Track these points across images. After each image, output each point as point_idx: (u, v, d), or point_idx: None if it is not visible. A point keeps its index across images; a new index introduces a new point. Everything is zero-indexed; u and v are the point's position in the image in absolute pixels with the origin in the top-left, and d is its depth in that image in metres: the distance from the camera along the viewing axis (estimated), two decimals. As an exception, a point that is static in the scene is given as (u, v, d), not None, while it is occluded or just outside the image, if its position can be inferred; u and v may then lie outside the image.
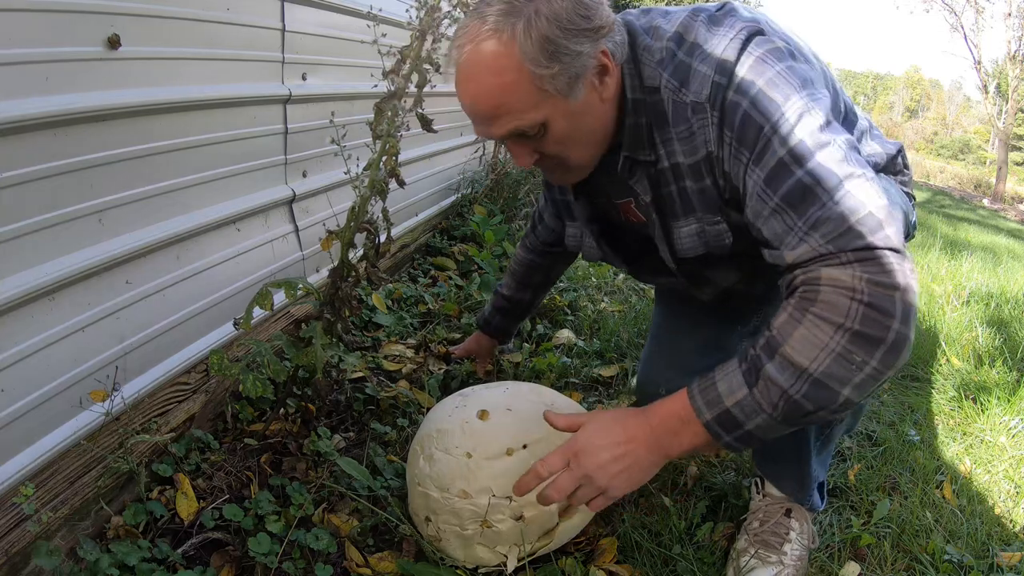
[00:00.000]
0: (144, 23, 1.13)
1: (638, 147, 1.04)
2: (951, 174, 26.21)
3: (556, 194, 1.35)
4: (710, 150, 0.98)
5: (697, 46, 0.99)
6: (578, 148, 1.02)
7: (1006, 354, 2.26)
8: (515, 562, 1.12)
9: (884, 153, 1.24)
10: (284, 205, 1.71)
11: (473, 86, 0.93)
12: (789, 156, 0.89)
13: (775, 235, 0.91)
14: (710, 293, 1.21)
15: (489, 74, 0.91)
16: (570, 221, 1.32)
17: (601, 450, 0.94)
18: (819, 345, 0.83)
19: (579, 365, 1.92)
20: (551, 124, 0.96)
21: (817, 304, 0.84)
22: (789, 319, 0.86)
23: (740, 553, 1.19)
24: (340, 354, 1.40)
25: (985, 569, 1.27)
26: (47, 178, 0.99)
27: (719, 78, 0.95)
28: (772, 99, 0.91)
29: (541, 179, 1.50)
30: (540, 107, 0.93)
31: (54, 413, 1.06)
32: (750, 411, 0.87)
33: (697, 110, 0.97)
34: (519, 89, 0.91)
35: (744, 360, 0.89)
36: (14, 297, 0.95)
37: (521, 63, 0.89)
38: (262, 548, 1.09)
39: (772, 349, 0.86)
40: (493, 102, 0.93)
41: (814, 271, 0.85)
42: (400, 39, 1.27)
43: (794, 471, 1.23)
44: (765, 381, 0.86)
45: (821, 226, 0.85)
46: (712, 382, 0.91)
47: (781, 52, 0.95)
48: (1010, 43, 17.18)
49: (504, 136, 0.97)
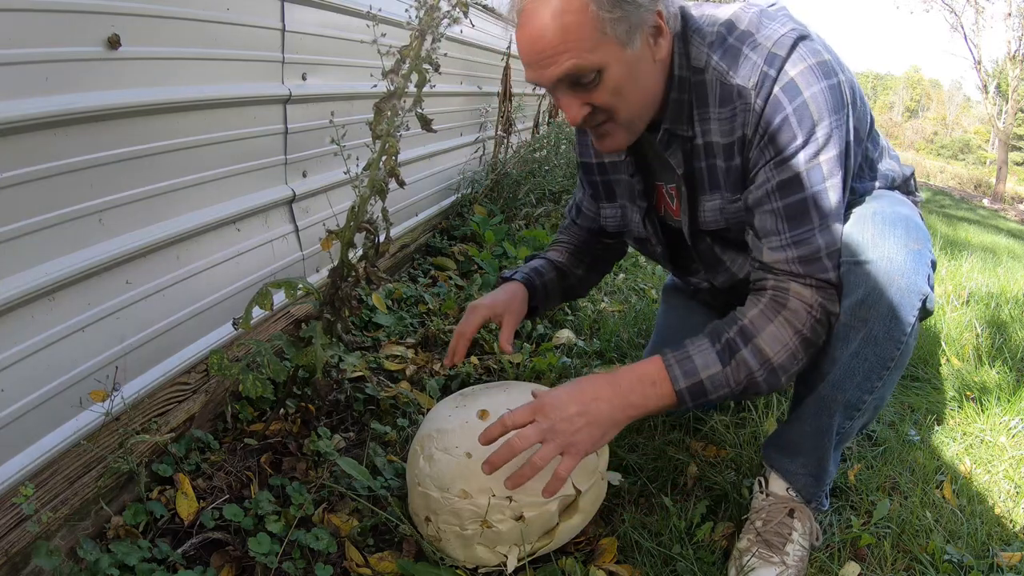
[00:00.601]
0: (144, 23, 1.13)
1: (678, 121, 1.11)
2: (951, 174, 26.22)
3: (597, 175, 1.37)
4: (745, 133, 1.07)
5: (749, 34, 1.07)
6: (629, 102, 1.04)
7: (1006, 354, 2.26)
8: (515, 562, 1.12)
9: (901, 173, 1.31)
10: (284, 205, 1.71)
11: (537, 22, 0.96)
12: (806, 175, 1.03)
13: (763, 228, 1.07)
14: (724, 281, 1.28)
15: (554, 14, 0.95)
16: (608, 202, 1.37)
17: (567, 404, 1.01)
18: (782, 341, 1.04)
19: (579, 365, 1.92)
20: (607, 70, 0.99)
21: (786, 310, 1.04)
22: (761, 315, 1.05)
23: (742, 553, 1.19)
24: (340, 354, 1.40)
25: (985, 569, 1.27)
26: (47, 178, 0.99)
27: (768, 69, 1.03)
28: (811, 115, 1.02)
29: (577, 171, 1.47)
30: (598, 50, 0.97)
31: (54, 413, 1.06)
32: (718, 384, 1.04)
33: (743, 94, 1.05)
34: (582, 28, 0.95)
35: (717, 341, 1.05)
36: (14, 297, 0.95)
37: (586, 4, 0.94)
38: (262, 548, 1.09)
39: (747, 337, 1.04)
40: (555, 39, 0.96)
41: (784, 283, 1.06)
42: (400, 39, 1.27)
43: (812, 468, 1.23)
44: (738, 362, 1.03)
45: (802, 246, 1.05)
46: (688, 355, 1.05)
47: (828, 66, 1.05)
48: (1010, 43, 17.19)
49: (560, 77, 0.99)
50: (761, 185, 1.06)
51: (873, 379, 1.11)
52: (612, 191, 1.36)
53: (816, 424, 1.17)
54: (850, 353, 1.09)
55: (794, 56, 1.03)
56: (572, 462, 1.00)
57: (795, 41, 1.04)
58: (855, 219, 1.14)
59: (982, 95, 18.75)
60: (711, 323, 1.10)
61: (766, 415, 1.68)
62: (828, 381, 1.12)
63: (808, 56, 1.04)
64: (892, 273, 1.05)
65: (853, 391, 1.12)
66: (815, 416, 1.17)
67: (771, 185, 1.05)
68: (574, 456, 1.00)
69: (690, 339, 1.08)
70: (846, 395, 1.12)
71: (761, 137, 1.05)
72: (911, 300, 1.06)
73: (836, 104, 1.04)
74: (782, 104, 1.03)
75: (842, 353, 1.10)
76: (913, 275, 1.06)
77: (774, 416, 1.68)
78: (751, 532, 1.22)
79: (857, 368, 1.10)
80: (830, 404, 1.14)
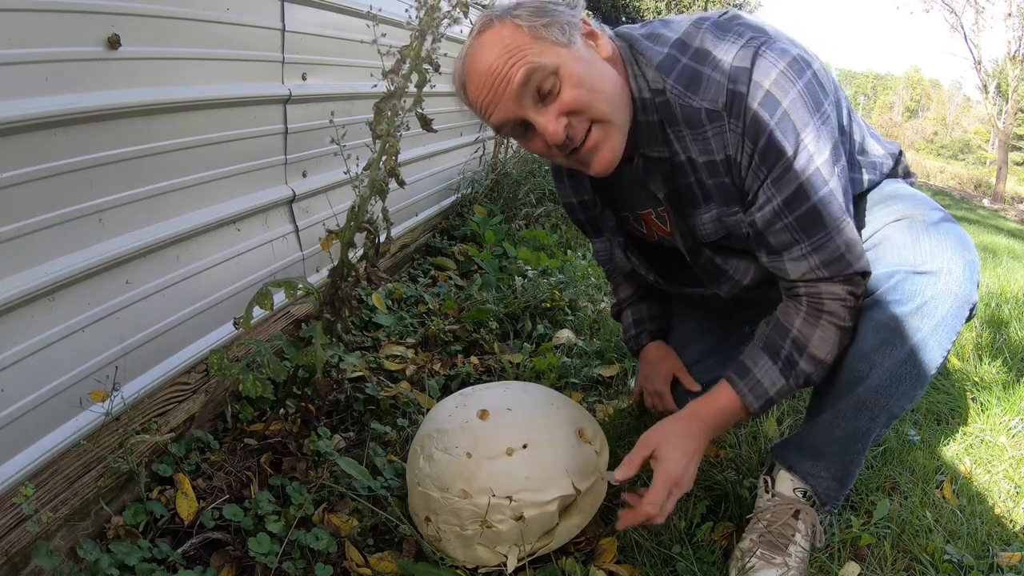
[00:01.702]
0: (144, 23, 1.13)
1: (651, 143, 1.10)
2: (951, 174, 26.21)
3: (580, 214, 1.37)
4: (729, 154, 1.05)
5: (705, 52, 1.03)
6: (598, 94, 1.02)
7: (1006, 354, 2.26)
8: (515, 562, 1.12)
9: (887, 153, 1.27)
10: (284, 205, 1.71)
11: (482, 63, 1.00)
12: (807, 184, 1.03)
13: (781, 243, 1.08)
14: (729, 290, 1.26)
15: (491, 45, 1.00)
16: (596, 238, 1.39)
17: (689, 466, 1.11)
18: (829, 342, 1.10)
19: (579, 365, 1.91)
20: (562, 67, 0.99)
21: (825, 313, 1.09)
22: (806, 323, 1.10)
23: (744, 553, 1.19)
24: (340, 354, 1.40)
25: (985, 569, 1.27)
26: (47, 178, 0.99)
27: (734, 86, 1.00)
28: (795, 124, 1.01)
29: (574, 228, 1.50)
30: (545, 53, 0.99)
31: (54, 413, 1.06)
32: (782, 393, 1.13)
33: (713, 117, 1.03)
34: (521, 40, 0.99)
35: (778, 358, 1.12)
36: (14, 297, 0.95)
37: (519, 28, 0.99)
38: (262, 548, 1.09)
39: (801, 349, 1.11)
40: (502, 61, 0.98)
41: (815, 287, 1.09)
42: (400, 39, 1.27)
43: (838, 472, 1.22)
44: (798, 373, 1.12)
45: (822, 251, 1.06)
46: (755, 379, 1.13)
47: (798, 63, 1.02)
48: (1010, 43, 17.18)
49: (521, 85, 0.98)
50: (764, 206, 1.06)
51: (916, 387, 1.11)
52: (598, 227, 1.36)
53: (852, 428, 1.16)
54: (898, 360, 1.09)
55: (761, 65, 0.99)
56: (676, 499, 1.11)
57: (756, 51, 1.00)
58: (906, 227, 1.11)
59: (982, 95, 18.74)
60: (759, 329, 1.17)
61: (766, 415, 1.68)
62: (869, 386, 1.11)
63: (777, 60, 1.00)
64: (952, 284, 1.05)
65: (897, 398, 1.12)
66: (852, 420, 1.15)
67: (776, 204, 1.05)
68: (680, 495, 1.12)
69: (750, 356, 1.15)
70: (890, 401, 1.12)
71: (750, 157, 1.03)
72: (963, 311, 1.07)
73: (816, 101, 1.01)
74: (763, 120, 1.00)
75: (887, 359, 1.09)
76: (969, 285, 1.06)
77: (774, 416, 1.68)
78: (754, 533, 1.22)
79: (905, 375, 1.10)
80: (872, 408, 1.13)
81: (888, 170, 1.26)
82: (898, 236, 1.10)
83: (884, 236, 1.12)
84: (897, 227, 1.12)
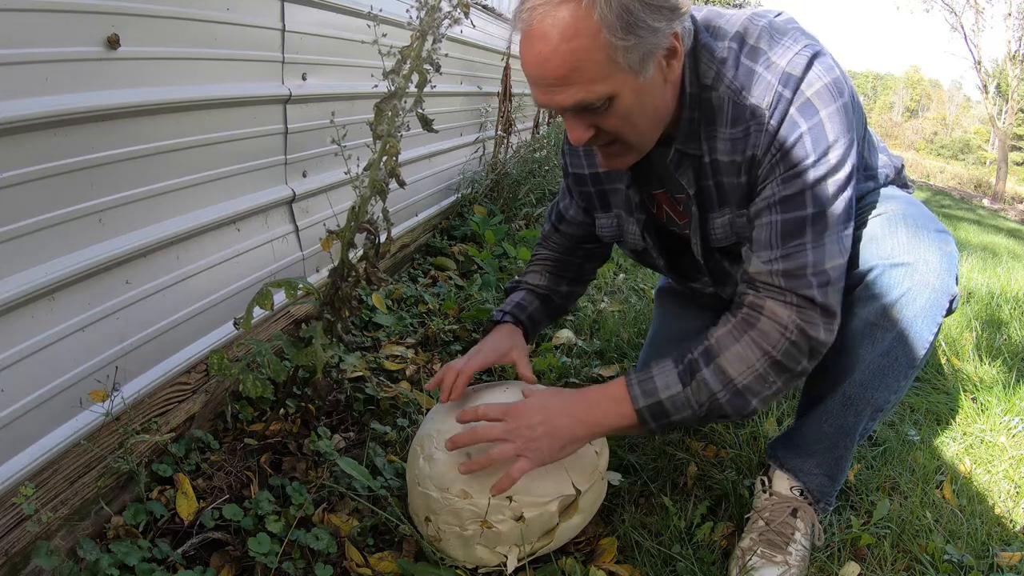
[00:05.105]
0: (144, 23, 1.13)
1: (690, 141, 1.09)
2: (951, 174, 26.23)
3: (590, 186, 1.32)
4: (755, 153, 1.05)
5: (761, 51, 1.04)
6: (638, 127, 1.01)
7: (1006, 354, 2.26)
8: (515, 562, 1.12)
9: (892, 165, 1.30)
10: (284, 205, 1.71)
11: (545, 49, 0.90)
12: (811, 193, 1.01)
13: (758, 239, 1.06)
14: (731, 294, 1.25)
15: (563, 38, 0.88)
16: (603, 212, 1.34)
17: (534, 412, 1.06)
18: (748, 363, 1.02)
19: (579, 365, 1.92)
20: (618, 98, 0.94)
21: (755, 330, 1.02)
22: (729, 334, 1.04)
23: (744, 552, 1.19)
24: (340, 354, 1.40)
25: (985, 569, 1.27)
26: (47, 178, 0.99)
27: (783, 89, 1.01)
28: (826, 136, 1.01)
29: (563, 178, 1.42)
30: (610, 80, 0.92)
31: (54, 413, 1.06)
32: (680, 405, 1.04)
33: (756, 114, 1.03)
34: (592, 57, 0.89)
35: (680, 362, 1.05)
36: (14, 297, 0.95)
37: (598, 30, 0.87)
38: (262, 548, 1.09)
39: (710, 357, 1.03)
40: (564, 68, 0.90)
41: (761, 299, 1.03)
42: (400, 39, 1.27)
43: (828, 468, 1.23)
44: (699, 383, 1.03)
45: (789, 260, 1.02)
46: (650, 375, 1.06)
47: (840, 84, 1.03)
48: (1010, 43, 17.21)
49: (568, 107, 0.95)
50: (766, 198, 1.05)
51: (900, 378, 1.12)
52: (607, 201, 1.32)
53: (840, 423, 1.17)
54: (879, 352, 1.10)
55: (810, 75, 1.01)
56: (527, 466, 1.05)
57: (810, 60, 1.01)
58: (885, 221, 1.13)
59: (982, 95, 18.76)
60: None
61: (766, 415, 1.68)
62: (854, 381, 1.13)
63: (824, 74, 1.01)
64: (928, 275, 1.06)
65: (882, 391, 1.13)
66: (839, 415, 1.16)
67: (775, 198, 1.04)
68: (530, 461, 1.05)
69: (656, 359, 1.09)
70: (874, 394, 1.13)
71: (773, 155, 1.03)
72: (942, 301, 1.07)
73: (847, 124, 1.02)
74: (798, 124, 1.01)
75: (869, 352, 1.10)
76: (947, 276, 1.07)
77: (773, 416, 1.68)
78: (754, 532, 1.22)
79: (887, 367, 1.11)
80: (857, 403, 1.14)
81: (886, 180, 1.28)
82: (877, 229, 1.12)
83: (866, 232, 1.14)
84: (877, 221, 1.14)
